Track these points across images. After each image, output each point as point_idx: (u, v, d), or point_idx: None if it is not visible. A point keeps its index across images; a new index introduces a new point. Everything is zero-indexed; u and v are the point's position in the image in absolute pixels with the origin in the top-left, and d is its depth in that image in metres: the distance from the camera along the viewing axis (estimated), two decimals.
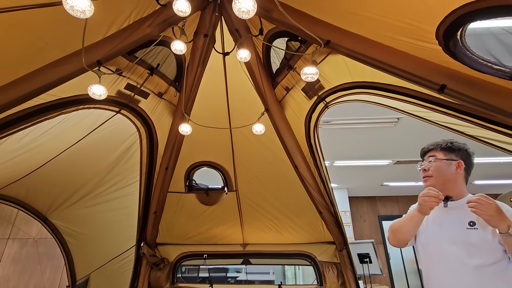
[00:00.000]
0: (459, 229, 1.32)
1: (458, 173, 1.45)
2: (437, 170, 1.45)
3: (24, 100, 1.74)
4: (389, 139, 5.12)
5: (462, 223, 1.33)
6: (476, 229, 1.28)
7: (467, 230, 1.30)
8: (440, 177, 1.44)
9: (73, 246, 3.41)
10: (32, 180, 2.75)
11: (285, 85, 2.31)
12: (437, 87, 1.43)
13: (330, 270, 3.11)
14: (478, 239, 1.26)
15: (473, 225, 1.30)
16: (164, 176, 2.92)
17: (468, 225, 1.31)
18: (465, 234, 1.30)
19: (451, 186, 1.43)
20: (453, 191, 1.42)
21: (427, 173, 1.47)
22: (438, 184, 1.43)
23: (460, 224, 1.33)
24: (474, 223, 1.30)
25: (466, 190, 1.47)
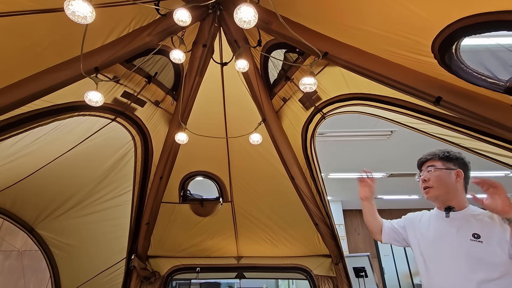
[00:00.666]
0: (462, 241, 1.27)
1: (459, 182, 1.40)
2: (438, 180, 1.40)
3: (17, 106, 1.71)
4: (383, 152, 5.18)
5: (465, 235, 1.27)
6: (480, 242, 1.22)
7: (471, 242, 1.24)
8: (442, 187, 1.39)
9: (60, 259, 3.27)
10: (20, 189, 2.67)
11: (282, 95, 2.33)
12: (432, 99, 1.46)
13: (326, 284, 3.05)
14: (483, 252, 1.20)
15: (478, 237, 1.23)
16: (158, 186, 2.86)
17: (472, 237, 1.25)
18: (469, 246, 1.24)
19: (454, 196, 1.38)
20: (455, 202, 1.38)
21: (427, 184, 1.42)
22: (441, 194, 1.40)
23: (463, 236, 1.28)
24: (478, 235, 1.24)
25: (467, 201, 1.41)
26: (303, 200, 2.79)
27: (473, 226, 1.26)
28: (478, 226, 1.24)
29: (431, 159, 1.48)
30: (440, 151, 1.49)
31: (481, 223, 1.26)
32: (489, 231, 1.23)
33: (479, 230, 1.25)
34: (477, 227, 1.25)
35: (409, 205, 8.38)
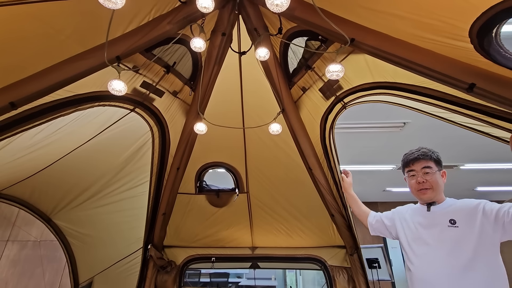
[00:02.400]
0: (441, 229, 1.42)
1: (443, 181, 1.56)
2: (435, 183, 1.51)
3: (41, 95, 1.71)
4: (395, 144, 5.12)
5: (443, 223, 1.43)
6: (457, 227, 1.38)
7: (448, 228, 1.40)
8: (437, 188, 1.51)
9: (77, 248, 3.33)
10: (39, 180, 2.70)
11: (302, 85, 2.29)
12: (465, 86, 1.42)
13: (341, 275, 3.06)
14: (459, 236, 1.35)
15: (454, 223, 1.40)
16: (175, 177, 2.87)
17: (449, 223, 1.41)
18: (447, 232, 1.39)
19: (440, 194, 1.54)
20: (439, 198, 1.53)
21: (425, 185, 1.52)
22: (434, 195, 1.52)
23: (442, 224, 1.43)
24: (454, 221, 1.40)
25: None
26: (320, 191, 2.78)
27: (450, 213, 1.43)
28: (454, 214, 1.42)
29: (424, 159, 1.55)
30: (430, 151, 1.58)
31: (457, 211, 1.44)
32: (464, 216, 1.39)
33: (455, 216, 1.41)
34: (453, 214, 1.42)
35: None
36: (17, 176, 2.63)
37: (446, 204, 1.51)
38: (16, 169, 2.45)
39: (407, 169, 1.61)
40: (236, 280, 7.39)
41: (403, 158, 1.66)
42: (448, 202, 1.53)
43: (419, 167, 1.54)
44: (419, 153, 1.57)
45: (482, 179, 6.73)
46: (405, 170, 1.64)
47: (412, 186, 1.58)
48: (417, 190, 1.54)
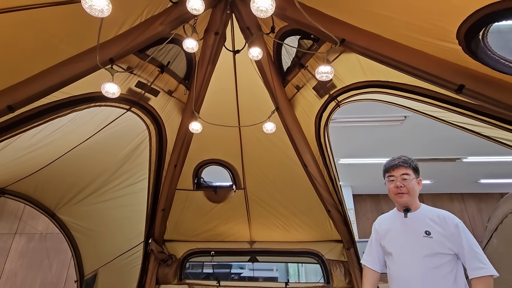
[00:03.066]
0: (417, 237, 1.56)
1: (419, 188, 1.69)
2: (411, 188, 1.64)
3: (37, 98, 1.75)
4: (396, 137, 5.10)
5: (419, 233, 1.57)
6: (431, 238, 1.53)
7: (424, 238, 1.55)
8: (412, 194, 1.65)
9: (81, 242, 3.43)
10: (41, 177, 2.77)
11: (296, 83, 2.30)
12: (455, 87, 1.42)
13: (338, 269, 3.12)
14: (432, 245, 1.51)
15: (429, 234, 1.55)
16: (173, 174, 2.92)
17: (425, 234, 1.55)
18: (422, 241, 1.54)
19: (415, 200, 1.67)
20: (414, 204, 1.67)
21: (402, 190, 1.64)
22: (409, 199, 1.65)
23: (418, 233, 1.57)
24: (429, 232, 1.55)
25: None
26: (316, 187, 2.81)
27: (425, 224, 1.57)
28: (429, 224, 1.56)
29: (404, 167, 1.67)
30: (409, 159, 1.70)
31: (431, 222, 1.57)
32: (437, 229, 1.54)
33: (430, 228, 1.56)
34: (428, 225, 1.56)
35: (421, 190, 8.33)
36: (20, 173, 2.70)
37: (421, 212, 1.65)
38: (18, 167, 2.52)
39: (387, 175, 1.73)
40: (239, 271, 7.54)
41: (384, 164, 1.78)
42: (423, 209, 1.67)
43: (399, 173, 1.67)
44: (399, 161, 1.69)
45: (485, 172, 6.69)
46: (385, 175, 1.76)
47: (391, 190, 1.70)
48: (395, 193, 1.67)
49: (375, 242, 1.80)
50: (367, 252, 1.83)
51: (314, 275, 8.29)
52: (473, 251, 1.45)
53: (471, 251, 1.45)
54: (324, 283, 3.13)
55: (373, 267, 1.76)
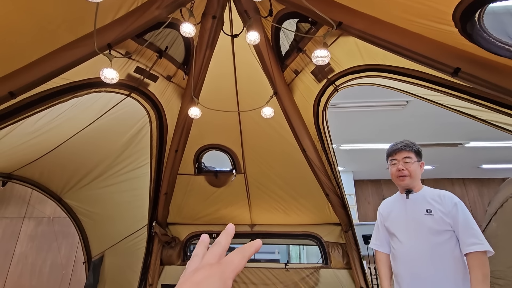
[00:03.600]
0: (419, 215, 1.62)
1: (421, 171, 1.74)
2: (413, 171, 1.70)
3: (37, 84, 1.77)
4: (397, 122, 5.08)
5: (421, 211, 1.63)
6: (432, 215, 1.59)
7: (425, 216, 1.60)
8: (414, 176, 1.70)
9: (87, 225, 3.55)
10: (46, 162, 2.84)
11: (294, 68, 2.29)
12: (451, 71, 1.42)
13: (336, 250, 3.21)
14: (433, 223, 1.57)
15: (430, 212, 1.60)
16: (174, 159, 2.97)
17: (426, 212, 1.61)
18: (424, 219, 1.60)
19: (417, 182, 1.73)
20: (416, 186, 1.72)
21: (404, 173, 1.70)
22: (411, 182, 1.70)
23: (420, 212, 1.63)
24: (430, 210, 1.61)
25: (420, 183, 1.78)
26: (315, 171, 2.85)
27: (426, 203, 1.63)
28: (429, 203, 1.62)
29: (406, 151, 1.72)
30: (411, 143, 1.75)
31: (432, 201, 1.62)
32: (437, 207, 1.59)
33: (430, 206, 1.61)
34: (429, 204, 1.62)
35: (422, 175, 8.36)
36: (26, 158, 2.77)
37: (422, 193, 1.70)
38: (24, 152, 2.59)
39: (390, 158, 1.79)
40: None
41: (387, 149, 1.83)
42: (425, 190, 1.72)
43: (401, 156, 1.72)
44: (402, 145, 1.75)
45: (488, 157, 6.68)
46: (388, 159, 1.81)
47: (393, 174, 1.76)
48: (397, 176, 1.73)
49: (381, 225, 1.85)
50: (375, 237, 1.90)
51: (316, 258, 8.49)
52: (469, 228, 1.49)
53: (467, 228, 1.49)
54: (322, 264, 3.23)
55: (382, 250, 1.82)
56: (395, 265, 1.69)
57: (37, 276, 5.66)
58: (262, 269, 3.25)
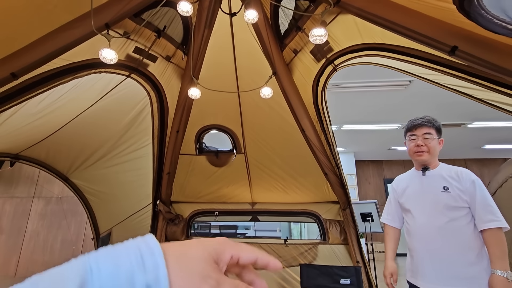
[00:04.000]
0: (436, 192, 1.61)
1: (440, 148, 1.71)
2: (432, 147, 1.67)
3: (38, 65, 1.80)
4: (400, 103, 5.05)
5: (437, 188, 1.62)
6: (449, 192, 1.58)
7: (442, 193, 1.60)
8: (433, 153, 1.67)
9: (94, 204, 3.69)
10: (51, 143, 2.91)
11: (293, 47, 2.27)
12: (448, 49, 1.41)
13: (334, 227, 3.32)
14: (449, 199, 1.56)
15: (446, 189, 1.59)
16: (175, 139, 3.03)
17: (443, 189, 1.60)
18: (440, 196, 1.59)
19: (434, 159, 1.70)
20: (433, 163, 1.71)
21: (422, 149, 1.67)
22: (429, 158, 1.68)
23: (436, 189, 1.62)
24: (447, 187, 1.60)
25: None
26: (313, 151, 2.90)
27: (443, 180, 1.62)
28: (446, 180, 1.61)
29: (427, 126, 1.70)
30: (433, 119, 1.72)
31: (449, 178, 1.61)
32: (454, 184, 1.58)
33: (447, 183, 1.60)
34: (446, 181, 1.61)
35: None
36: (32, 139, 2.84)
37: (439, 170, 1.68)
38: (29, 133, 2.65)
39: (409, 133, 1.76)
40: (244, 232, 8.00)
41: (407, 124, 1.79)
42: (442, 167, 1.69)
43: (421, 132, 1.69)
44: (423, 120, 1.71)
45: (490, 137, 6.66)
46: (407, 134, 1.78)
47: (411, 149, 1.73)
48: (414, 152, 1.70)
49: (394, 200, 1.86)
50: (386, 211, 1.92)
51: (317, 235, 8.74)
52: (487, 205, 1.48)
53: (484, 205, 1.49)
54: (320, 240, 3.35)
55: (393, 224, 1.86)
56: (410, 240, 1.71)
57: (49, 252, 5.94)
58: (263, 244, 3.39)
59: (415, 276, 1.66)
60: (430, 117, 1.73)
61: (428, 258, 1.58)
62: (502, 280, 1.37)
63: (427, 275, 1.58)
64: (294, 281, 3.16)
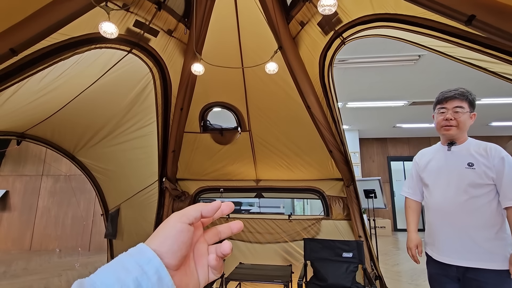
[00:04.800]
0: (459, 168, 1.57)
1: (470, 123, 1.62)
2: (462, 122, 1.59)
3: (37, 40, 1.75)
4: (407, 79, 4.93)
5: (462, 164, 1.57)
6: (474, 169, 1.52)
7: (466, 169, 1.55)
8: (462, 127, 1.60)
9: (102, 181, 3.75)
10: (56, 121, 2.91)
11: (300, 19, 2.17)
12: (464, 19, 1.33)
13: (337, 203, 3.37)
14: (474, 177, 1.51)
15: (471, 165, 1.54)
16: (180, 117, 3.01)
17: (467, 165, 1.55)
18: (464, 172, 1.54)
19: (463, 134, 1.62)
20: (461, 138, 1.63)
21: (451, 123, 1.59)
22: (457, 133, 1.61)
23: (461, 165, 1.57)
24: (472, 164, 1.54)
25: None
26: (318, 128, 2.87)
27: (469, 156, 1.56)
28: (473, 156, 1.54)
29: (460, 99, 1.60)
30: (467, 92, 1.62)
31: (476, 154, 1.55)
32: (481, 161, 1.52)
33: (473, 159, 1.54)
34: (472, 157, 1.55)
35: (429, 133, 8.32)
36: (36, 117, 2.84)
37: (467, 145, 1.61)
38: (33, 111, 2.64)
39: (439, 106, 1.67)
40: (248, 208, 8.20)
41: (438, 95, 1.70)
42: (469, 142, 1.62)
43: (452, 105, 1.61)
44: (456, 92, 1.62)
45: (498, 114, 6.54)
46: (436, 107, 1.70)
47: (439, 123, 1.66)
48: (442, 126, 1.63)
49: (415, 174, 1.83)
50: (407, 185, 1.90)
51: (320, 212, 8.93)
52: None
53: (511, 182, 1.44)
54: (324, 216, 3.42)
55: (414, 198, 1.84)
56: (428, 215, 1.70)
57: (61, 227, 6.17)
58: (267, 220, 3.46)
59: (432, 249, 1.67)
60: (464, 89, 1.63)
61: (446, 233, 1.58)
62: None
63: (445, 249, 1.58)
64: (298, 254, 3.26)
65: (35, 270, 4.48)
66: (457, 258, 1.52)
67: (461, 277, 1.52)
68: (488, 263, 1.44)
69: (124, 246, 3.76)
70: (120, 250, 3.80)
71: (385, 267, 4.52)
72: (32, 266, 4.73)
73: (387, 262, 4.85)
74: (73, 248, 5.97)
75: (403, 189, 1.93)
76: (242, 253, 3.37)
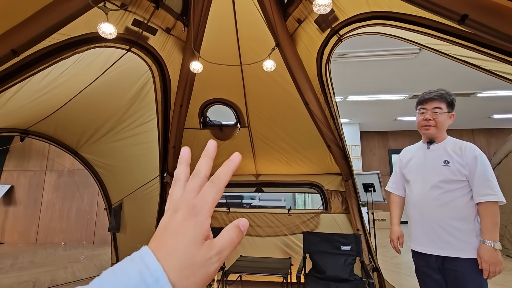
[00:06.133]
0: (436, 165, 1.65)
1: (450, 122, 1.70)
2: (441, 122, 1.66)
3: (37, 40, 1.78)
4: (408, 72, 4.91)
5: (438, 162, 1.65)
6: (449, 166, 1.61)
7: (442, 166, 1.63)
8: (441, 127, 1.67)
9: (104, 176, 3.82)
10: (58, 118, 2.96)
11: (297, 16, 2.18)
12: (457, 18, 1.35)
13: (336, 197, 3.42)
14: (448, 173, 1.60)
15: (447, 163, 1.62)
16: (179, 113, 3.04)
17: (443, 163, 1.63)
18: (440, 169, 1.63)
19: (442, 133, 1.70)
20: (440, 137, 1.71)
21: (430, 123, 1.67)
22: (436, 132, 1.68)
23: (437, 162, 1.65)
24: (448, 161, 1.62)
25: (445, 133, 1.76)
26: (317, 124, 2.90)
27: (446, 155, 1.64)
28: (449, 155, 1.62)
29: (438, 101, 1.67)
30: (446, 93, 1.68)
31: (452, 153, 1.63)
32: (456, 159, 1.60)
33: (449, 157, 1.62)
34: (448, 155, 1.63)
35: None
36: (39, 114, 2.89)
37: (444, 144, 1.69)
38: (36, 108, 2.69)
39: (419, 106, 1.75)
40: (249, 201, 8.29)
41: (420, 96, 1.77)
42: (448, 141, 1.70)
43: (431, 106, 1.68)
44: (435, 94, 1.68)
45: (500, 107, 6.52)
46: (417, 107, 1.77)
47: (419, 123, 1.74)
48: (422, 126, 1.71)
49: (399, 170, 1.92)
50: (392, 181, 1.99)
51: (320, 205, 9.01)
52: (486, 179, 1.51)
53: (483, 179, 1.51)
54: (323, 209, 3.47)
55: (397, 193, 1.93)
56: (408, 209, 1.80)
57: (66, 221, 6.30)
58: (267, 214, 3.53)
59: (413, 242, 1.77)
60: (444, 91, 1.69)
61: (422, 225, 1.68)
62: (489, 249, 1.45)
63: (421, 240, 1.69)
64: (297, 247, 3.33)
65: (42, 263, 4.60)
66: (433, 247, 1.62)
67: (441, 268, 1.62)
68: (461, 252, 1.53)
69: (127, 240, 3.86)
70: (123, 243, 3.90)
71: (384, 259, 4.59)
72: (38, 259, 4.85)
73: (387, 255, 4.92)
74: (78, 241, 6.10)
75: (388, 184, 2.02)
76: (243, 246, 3.45)
